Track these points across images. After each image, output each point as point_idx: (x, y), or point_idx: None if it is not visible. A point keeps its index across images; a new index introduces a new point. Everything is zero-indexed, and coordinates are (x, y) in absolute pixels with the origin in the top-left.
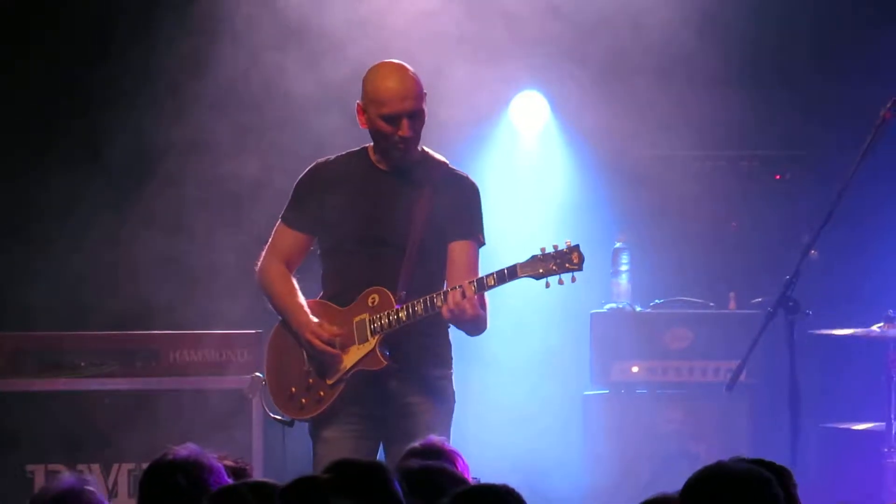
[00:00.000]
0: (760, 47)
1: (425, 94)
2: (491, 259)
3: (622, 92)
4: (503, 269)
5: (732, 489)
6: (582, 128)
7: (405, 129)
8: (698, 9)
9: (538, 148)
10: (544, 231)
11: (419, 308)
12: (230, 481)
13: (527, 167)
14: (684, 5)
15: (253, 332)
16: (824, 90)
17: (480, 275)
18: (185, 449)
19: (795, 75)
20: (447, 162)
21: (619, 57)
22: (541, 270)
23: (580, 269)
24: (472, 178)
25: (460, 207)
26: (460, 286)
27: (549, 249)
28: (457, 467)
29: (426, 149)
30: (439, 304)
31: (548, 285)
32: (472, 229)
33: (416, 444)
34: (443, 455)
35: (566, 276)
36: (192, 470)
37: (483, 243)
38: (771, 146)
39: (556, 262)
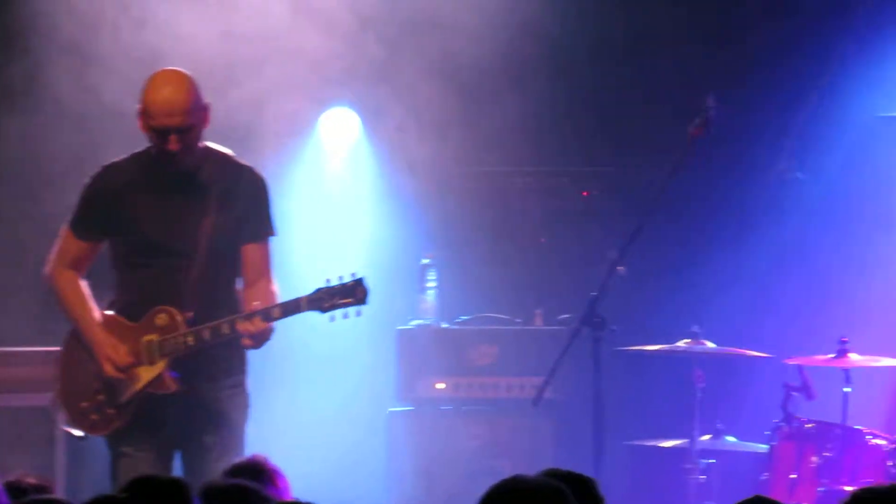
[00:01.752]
0: (570, 65)
1: (207, 105)
2: (300, 274)
3: (431, 107)
4: (289, 302)
5: (527, 502)
6: (391, 143)
7: (173, 144)
8: (508, 25)
9: (348, 163)
10: (353, 246)
11: (207, 335)
12: (8, 502)
13: (336, 181)
14: (495, 21)
15: (58, 349)
16: (632, 107)
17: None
18: None
19: (604, 92)
20: (231, 154)
21: (429, 73)
22: (326, 305)
23: (364, 303)
24: (259, 171)
25: (250, 206)
26: (249, 316)
27: (335, 281)
28: (277, 485)
29: (209, 144)
30: (227, 331)
31: (333, 319)
32: (264, 228)
33: (240, 461)
34: (264, 473)
35: (351, 310)
36: None
37: (275, 235)
38: (579, 163)
39: (341, 297)
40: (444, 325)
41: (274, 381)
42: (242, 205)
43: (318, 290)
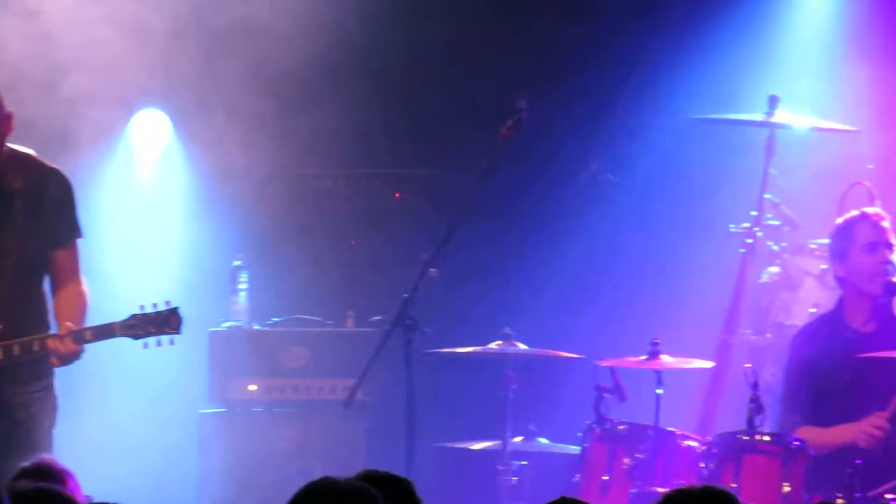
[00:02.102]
0: (382, 68)
1: (10, 112)
2: (112, 277)
3: (244, 110)
4: (102, 327)
5: None
6: (203, 144)
7: None
8: (321, 29)
9: (159, 165)
10: (165, 248)
11: (17, 351)
12: None
13: (148, 184)
14: (308, 25)
15: None
16: (444, 109)
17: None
18: None
19: (415, 95)
20: (34, 155)
21: (241, 76)
22: (140, 332)
23: (178, 332)
24: (64, 173)
25: (57, 210)
26: (61, 336)
27: (149, 308)
28: (67, 486)
29: (11, 146)
30: (36, 349)
31: (146, 346)
32: (71, 232)
33: (28, 463)
34: (54, 474)
35: (165, 339)
36: None
37: (82, 237)
38: (390, 165)
39: (154, 325)
40: (256, 327)
41: (84, 382)
42: (49, 209)
43: (133, 317)
